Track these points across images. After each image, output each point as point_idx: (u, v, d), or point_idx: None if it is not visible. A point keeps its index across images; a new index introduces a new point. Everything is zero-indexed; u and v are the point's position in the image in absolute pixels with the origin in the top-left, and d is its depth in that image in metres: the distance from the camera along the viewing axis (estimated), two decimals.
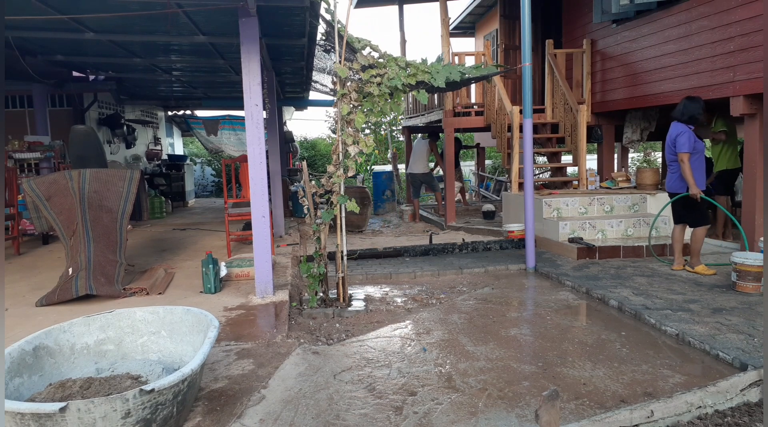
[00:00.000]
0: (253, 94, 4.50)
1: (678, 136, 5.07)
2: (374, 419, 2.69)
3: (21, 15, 4.83)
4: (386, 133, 17.44)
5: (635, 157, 18.27)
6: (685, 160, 5.04)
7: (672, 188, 5.32)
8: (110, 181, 5.39)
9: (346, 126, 4.49)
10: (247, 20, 4.44)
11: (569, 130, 8.41)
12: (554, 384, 3.07)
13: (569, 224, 6.73)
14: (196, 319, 3.06)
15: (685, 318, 3.99)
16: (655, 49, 7.20)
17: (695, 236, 5.29)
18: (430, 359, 3.50)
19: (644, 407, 2.29)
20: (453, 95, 9.17)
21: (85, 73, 8.72)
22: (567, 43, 9.43)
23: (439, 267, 6.11)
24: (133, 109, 12.48)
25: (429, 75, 4.53)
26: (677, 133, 5.10)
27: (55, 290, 4.55)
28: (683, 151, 5.05)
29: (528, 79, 5.71)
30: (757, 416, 2.45)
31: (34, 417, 2.10)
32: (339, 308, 4.55)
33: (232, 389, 3.01)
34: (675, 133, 5.12)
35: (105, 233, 5.08)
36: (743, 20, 5.76)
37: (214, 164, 18.64)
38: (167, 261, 6.23)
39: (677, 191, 5.23)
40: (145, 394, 2.23)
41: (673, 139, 5.12)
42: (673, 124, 5.25)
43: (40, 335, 2.81)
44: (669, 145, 5.24)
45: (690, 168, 5.04)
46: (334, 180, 4.48)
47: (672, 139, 5.15)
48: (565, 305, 4.65)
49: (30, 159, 8.31)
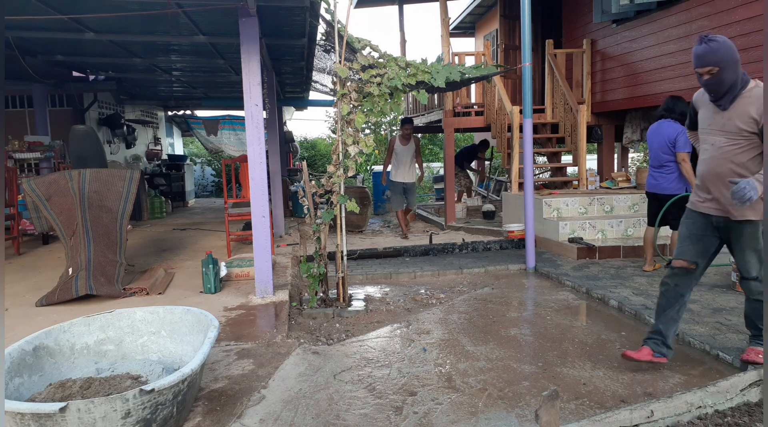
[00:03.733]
0: (253, 94, 4.50)
1: (678, 135, 4.97)
2: (374, 419, 2.69)
3: (21, 15, 4.83)
4: (386, 133, 17.44)
5: (635, 157, 18.25)
6: (686, 159, 4.94)
7: (666, 190, 5.15)
8: (110, 181, 5.39)
9: (346, 126, 4.49)
10: (247, 20, 4.44)
11: (569, 130, 8.41)
12: (554, 384, 3.07)
13: (569, 224, 6.73)
14: (196, 319, 3.06)
15: (685, 318, 3.99)
16: (655, 49, 7.20)
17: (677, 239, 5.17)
18: (430, 359, 3.50)
19: (644, 407, 2.29)
20: (453, 95, 9.17)
21: (85, 73, 8.71)
22: (567, 43, 9.43)
23: (439, 267, 6.11)
24: (133, 109, 12.48)
25: (429, 75, 4.53)
26: (676, 132, 4.98)
27: (55, 290, 4.55)
28: (685, 151, 4.94)
29: (528, 79, 5.71)
30: (757, 416, 2.45)
31: (34, 417, 2.09)
32: (339, 308, 4.55)
33: (232, 389, 3.01)
34: (674, 132, 5.00)
35: (105, 233, 5.08)
36: (743, 20, 5.76)
37: (214, 164, 18.64)
38: (167, 261, 6.23)
39: (674, 192, 5.12)
40: (145, 394, 2.23)
41: (673, 139, 4.99)
42: (665, 124, 5.10)
43: (40, 335, 2.81)
44: (663, 145, 5.07)
45: (691, 168, 4.97)
46: (334, 180, 4.49)
47: (670, 139, 5.01)
48: (565, 305, 4.65)
49: (30, 159, 8.31)
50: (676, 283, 3.17)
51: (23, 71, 6.97)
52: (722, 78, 2.85)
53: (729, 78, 2.85)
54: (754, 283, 3.05)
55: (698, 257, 3.13)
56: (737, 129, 2.90)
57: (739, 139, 2.92)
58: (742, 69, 2.90)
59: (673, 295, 3.18)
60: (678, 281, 3.18)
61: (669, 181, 5.13)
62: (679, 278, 3.17)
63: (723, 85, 2.87)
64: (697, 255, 3.13)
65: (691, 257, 3.13)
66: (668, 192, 5.15)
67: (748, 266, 3.03)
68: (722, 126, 2.97)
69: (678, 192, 5.08)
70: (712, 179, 3.04)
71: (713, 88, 2.91)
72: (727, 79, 2.85)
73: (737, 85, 2.88)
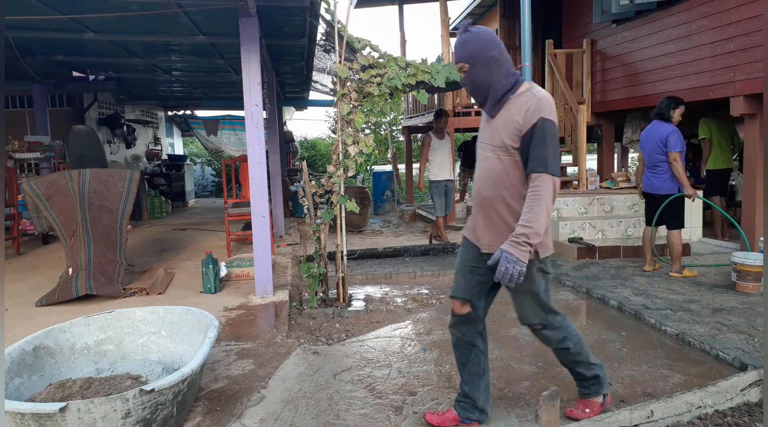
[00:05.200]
0: (253, 94, 4.50)
1: (669, 135, 5.01)
2: (374, 419, 2.69)
3: (21, 15, 4.83)
4: (386, 133, 17.45)
5: (635, 157, 18.26)
6: (678, 159, 4.97)
7: (660, 190, 5.18)
8: (110, 181, 5.39)
9: (346, 126, 4.49)
10: (247, 20, 4.44)
11: (569, 130, 8.40)
12: (554, 384, 3.06)
13: (569, 224, 6.73)
14: (196, 319, 3.06)
15: (685, 318, 3.99)
16: (655, 49, 7.20)
17: (674, 239, 5.19)
18: (430, 359, 3.50)
19: (644, 407, 2.29)
20: (453, 95, 9.17)
21: (85, 73, 8.72)
22: (567, 43, 9.43)
23: (439, 267, 6.11)
24: (133, 109, 12.48)
25: (429, 75, 4.53)
26: (668, 132, 5.02)
27: (55, 290, 4.55)
28: (676, 151, 4.97)
29: (528, 79, 5.71)
30: (757, 416, 2.45)
31: (34, 417, 2.10)
32: (339, 308, 4.55)
33: (232, 389, 3.01)
34: (665, 132, 5.03)
35: (105, 233, 5.08)
36: (743, 20, 5.75)
37: (214, 164, 18.64)
38: (167, 261, 6.23)
39: (669, 192, 5.13)
40: (145, 394, 2.23)
41: (664, 138, 5.03)
42: (657, 124, 5.13)
43: (40, 335, 2.81)
44: (656, 145, 5.10)
45: (683, 167, 5.00)
46: (334, 180, 4.49)
47: (662, 138, 5.04)
48: (565, 305, 4.65)
49: (30, 159, 8.31)
50: (461, 332, 2.57)
51: (23, 71, 6.97)
52: (474, 78, 2.31)
53: (483, 78, 2.30)
54: (544, 331, 2.48)
55: (471, 294, 2.51)
56: (501, 143, 2.31)
57: (503, 155, 2.32)
58: (513, 68, 2.34)
59: (464, 347, 2.59)
60: (462, 330, 2.57)
61: (662, 181, 5.15)
62: (462, 326, 2.56)
63: (477, 86, 2.33)
64: (469, 291, 2.51)
65: (463, 293, 2.52)
66: (662, 192, 5.17)
67: (526, 311, 2.47)
68: (490, 138, 2.39)
69: (672, 192, 5.12)
70: (478, 203, 2.45)
71: (468, 89, 2.40)
72: (481, 80, 2.30)
73: (498, 88, 2.31)
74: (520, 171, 2.30)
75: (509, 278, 2.16)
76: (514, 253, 2.17)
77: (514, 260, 2.16)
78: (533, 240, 2.18)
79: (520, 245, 2.17)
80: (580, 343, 2.54)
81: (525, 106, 2.25)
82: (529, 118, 2.22)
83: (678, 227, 5.18)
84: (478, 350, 2.58)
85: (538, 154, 2.20)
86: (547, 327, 2.46)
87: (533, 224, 2.17)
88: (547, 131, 2.21)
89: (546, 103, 2.24)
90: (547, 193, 2.18)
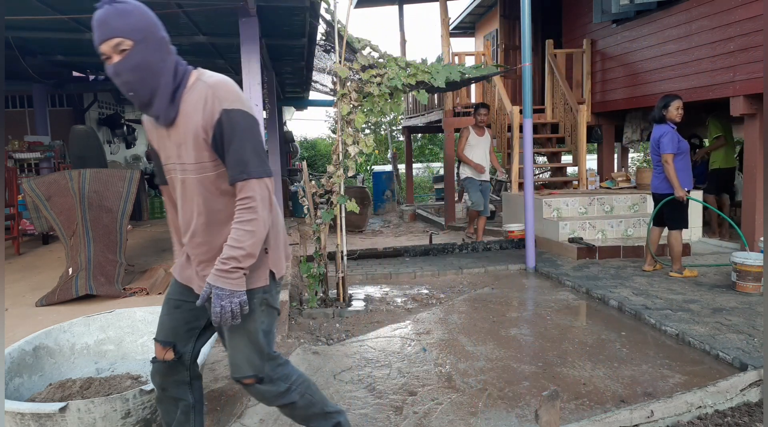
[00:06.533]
0: (253, 94, 4.50)
1: (661, 137, 5.06)
2: (374, 419, 2.69)
3: (21, 15, 4.83)
4: (386, 133, 17.45)
5: (635, 157, 18.26)
6: (669, 161, 5.01)
7: (658, 189, 5.25)
8: (110, 181, 5.39)
9: (346, 126, 4.49)
10: (247, 20, 4.44)
11: (569, 130, 8.41)
12: (554, 384, 3.07)
13: (569, 224, 6.73)
14: None
15: (685, 318, 3.99)
16: (655, 49, 7.20)
17: (673, 240, 5.20)
18: (430, 359, 3.50)
19: (644, 407, 2.29)
20: (453, 95, 9.18)
21: (85, 73, 8.72)
22: (567, 43, 9.43)
23: (439, 267, 6.11)
24: (133, 109, 12.47)
25: (429, 75, 4.54)
26: (660, 134, 5.08)
27: (55, 290, 4.55)
28: (667, 153, 5.01)
29: (528, 79, 5.71)
30: (757, 416, 2.45)
31: (34, 417, 2.10)
32: (339, 308, 4.55)
33: (232, 389, 3.01)
34: (658, 134, 5.10)
35: (105, 233, 5.08)
36: (743, 20, 5.76)
37: None
38: (167, 261, 6.23)
39: (664, 192, 5.18)
40: (145, 394, 2.23)
41: (657, 140, 5.10)
42: (655, 126, 5.20)
43: (40, 335, 2.81)
44: (653, 146, 5.19)
45: (674, 169, 5.02)
46: (334, 180, 4.49)
47: (655, 139, 5.12)
48: (565, 305, 4.65)
49: (30, 159, 8.31)
50: (163, 387, 2.01)
51: (23, 71, 6.97)
52: (139, 62, 1.69)
53: (153, 64, 1.71)
54: (259, 386, 1.92)
55: (175, 336, 1.98)
56: (195, 159, 1.77)
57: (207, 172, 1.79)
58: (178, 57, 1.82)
59: (169, 403, 2.04)
60: (164, 383, 2.01)
61: (660, 180, 5.22)
62: (164, 377, 2.00)
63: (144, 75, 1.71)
64: (173, 332, 1.98)
65: (165, 335, 1.97)
66: (660, 191, 5.24)
67: (236, 359, 1.90)
68: (178, 156, 1.81)
69: (668, 191, 5.14)
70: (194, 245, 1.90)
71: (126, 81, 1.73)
72: (150, 66, 1.71)
73: (170, 79, 1.76)
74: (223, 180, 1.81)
75: (231, 316, 1.73)
76: (225, 286, 1.72)
77: (228, 293, 1.72)
78: (245, 263, 1.74)
79: (229, 272, 1.72)
80: (310, 391, 2.05)
81: (200, 100, 1.73)
82: (210, 115, 1.72)
83: (678, 228, 5.20)
84: (186, 404, 2.04)
85: (234, 157, 1.73)
86: (264, 381, 1.91)
87: (243, 243, 1.72)
88: (235, 125, 1.72)
89: (223, 89, 1.74)
90: (259, 200, 1.74)
